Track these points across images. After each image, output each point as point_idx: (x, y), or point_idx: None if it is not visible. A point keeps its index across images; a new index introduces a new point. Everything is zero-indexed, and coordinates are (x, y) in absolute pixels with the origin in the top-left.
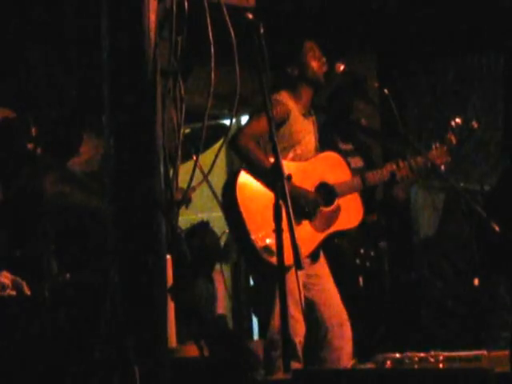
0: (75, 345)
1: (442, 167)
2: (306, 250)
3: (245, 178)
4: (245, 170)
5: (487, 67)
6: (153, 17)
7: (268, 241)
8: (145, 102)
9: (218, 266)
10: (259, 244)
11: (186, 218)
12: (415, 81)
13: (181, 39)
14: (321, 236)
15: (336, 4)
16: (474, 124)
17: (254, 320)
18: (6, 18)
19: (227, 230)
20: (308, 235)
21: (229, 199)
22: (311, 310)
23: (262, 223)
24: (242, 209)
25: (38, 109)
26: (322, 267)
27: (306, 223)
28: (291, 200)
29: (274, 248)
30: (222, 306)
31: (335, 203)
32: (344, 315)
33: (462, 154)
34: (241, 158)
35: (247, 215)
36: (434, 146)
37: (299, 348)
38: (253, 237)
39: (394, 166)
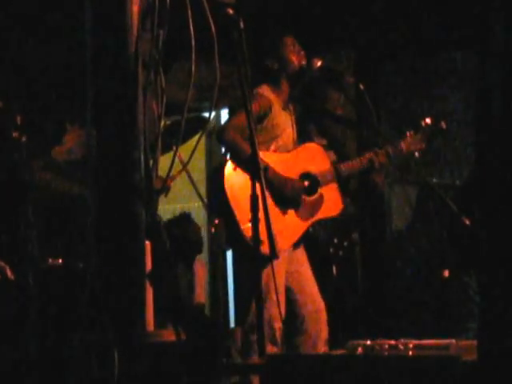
0: (56, 328)
1: (417, 154)
2: (292, 238)
3: (232, 169)
4: (231, 161)
5: (461, 65)
6: (135, 9)
7: None
8: (126, 93)
9: (198, 256)
10: (248, 234)
11: (167, 208)
12: (391, 78)
13: (163, 32)
14: (305, 225)
15: (316, 2)
16: (443, 124)
17: (231, 308)
18: None
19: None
20: (294, 224)
21: (217, 190)
22: (288, 297)
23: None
24: (231, 199)
25: (23, 98)
26: (302, 254)
27: (291, 212)
28: (278, 190)
29: (262, 237)
30: (201, 295)
31: (318, 192)
32: (320, 303)
33: (434, 150)
34: (227, 149)
35: (236, 205)
36: (408, 134)
37: (278, 334)
38: (242, 227)
39: (373, 154)
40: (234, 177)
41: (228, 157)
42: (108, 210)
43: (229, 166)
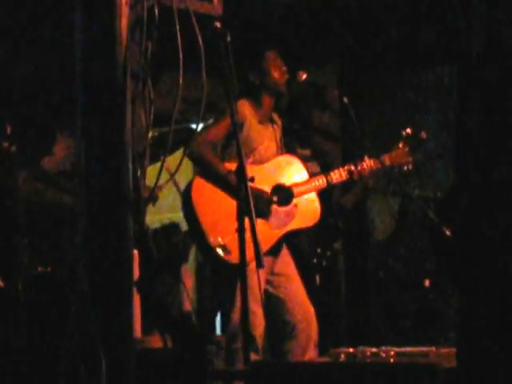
0: (45, 334)
1: (407, 168)
2: (263, 247)
3: (200, 183)
4: (200, 175)
5: (440, 80)
6: (124, 22)
7: (223, 240)
8: (115, 103)
9: (185, 266)
10: (215, 244)
11: (157, 218)
12: (373, 91)
13: (151, 44)
14: (277, 234)
15: (301, 16)
16: (423, 134)
17: (218, 316)
18: None
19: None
20: (264, 233)
21: (185, 203)
22: (278, 306)
23: (217, 224)
24: (198, 211)
25: (13, 108)
26: (287, 266)
27: (261, 222)
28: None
29: (229, 247)
30: (188, 303)
31: (292, 203)
32: (310, 310)
33: (416, 162)
34: (196, 163)
35: (203, 217)
36: (395, 147)
37: (259, 341)
38: (209, 237)
39: (352, 166)
40: (202, 189)
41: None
42: (96, 218)
43: (197, 179)
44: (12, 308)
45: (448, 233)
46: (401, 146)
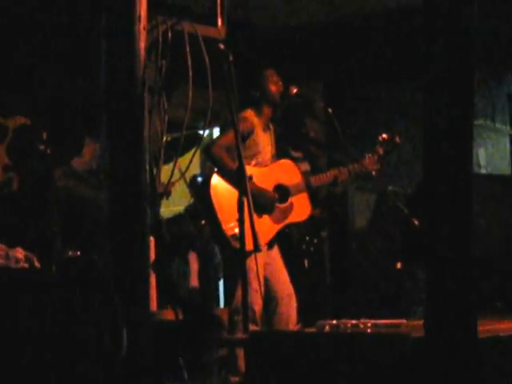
0: (75, 309)
1: (374, 173)
2: (266, 238)
3: (217, 180)
4: (217, 173)
5: (410, 94)
6: (142, 44)
7: (236, 230)
8: (135, 113)
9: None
10: (229, 233)
11: (169, 209)
12: (352, 104)
13: (165, 63)
14: (278, 227)
15: (291, 40)
16: (397, 139)
17: (221, 294)
18: (17, 40)
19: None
20: (267, 226)
21: (204, 197)
22: (265, 285)
23: (231, 216)
24: (215, 204)
25: (49, 117)
26: (276, 253)
27: (265, 217)
28: (254, 198)
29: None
30: (195, 281)
31: (289, 201)
32: (291, 289)
33: (390, 163)
34: (214, 163)
35: (219, 210)
36: (366, 156)
37: (257, 314)
38: (224, 227)
39: (336, 171)
40: (219, 186)
41: (215, 169)
42: (119, 210)
43: (214, 177)
44: (47, 285)
45: (416, 222)
46: (370, 155)
